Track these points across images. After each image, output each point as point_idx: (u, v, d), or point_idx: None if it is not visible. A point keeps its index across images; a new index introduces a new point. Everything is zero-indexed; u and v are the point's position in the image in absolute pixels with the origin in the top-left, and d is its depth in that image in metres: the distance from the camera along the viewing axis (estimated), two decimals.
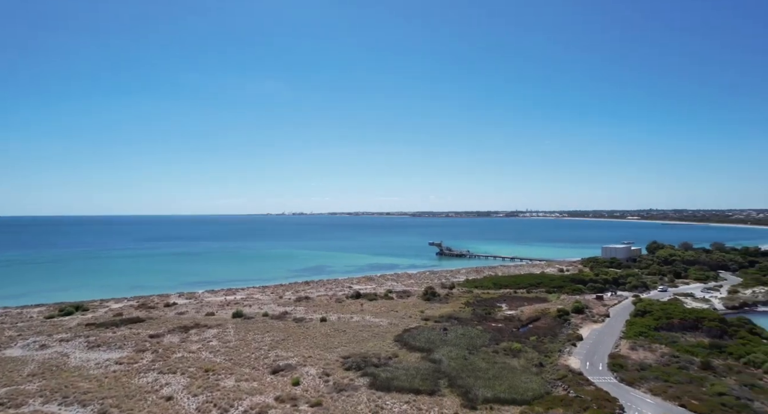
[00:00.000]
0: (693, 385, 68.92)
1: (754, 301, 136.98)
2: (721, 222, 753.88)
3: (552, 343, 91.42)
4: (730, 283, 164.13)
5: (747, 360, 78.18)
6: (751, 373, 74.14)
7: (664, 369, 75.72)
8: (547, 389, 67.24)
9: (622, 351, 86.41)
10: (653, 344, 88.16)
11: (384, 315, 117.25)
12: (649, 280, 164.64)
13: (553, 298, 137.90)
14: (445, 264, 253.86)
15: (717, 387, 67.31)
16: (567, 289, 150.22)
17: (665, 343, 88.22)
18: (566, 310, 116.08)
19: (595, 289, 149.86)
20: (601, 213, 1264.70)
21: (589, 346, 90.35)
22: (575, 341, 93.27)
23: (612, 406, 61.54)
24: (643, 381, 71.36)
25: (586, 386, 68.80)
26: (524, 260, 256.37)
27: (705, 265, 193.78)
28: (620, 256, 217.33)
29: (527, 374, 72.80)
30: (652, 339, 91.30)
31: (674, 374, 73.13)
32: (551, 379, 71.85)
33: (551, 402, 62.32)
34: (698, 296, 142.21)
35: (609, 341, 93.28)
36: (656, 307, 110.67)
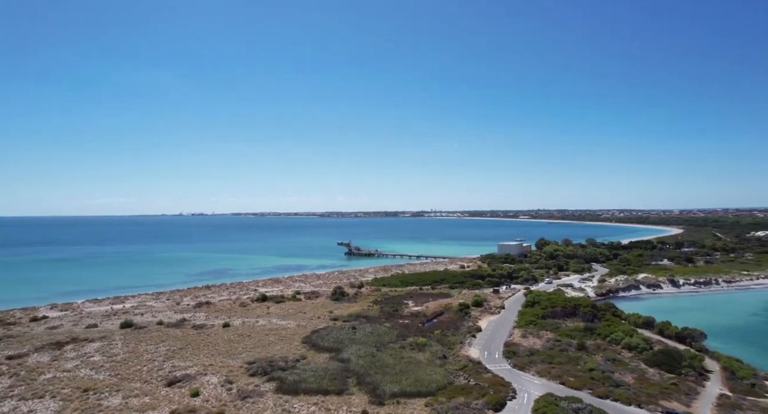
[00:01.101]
0: (570, 365, 77.86)
1: (617, 288, 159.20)
2: (593, 221, 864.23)
3: (454, 336, 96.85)
4: (600, 273, 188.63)
5: (611, 339, 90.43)
6: (613, 350, 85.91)
7: (548, 352, 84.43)
8: (450, 380, 70.99)
9: (515, 339, 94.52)
10: (541, 331, 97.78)
11: (292, 317, 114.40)
12: (537, 274, 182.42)
13: (456, 293, 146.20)
14: (354, 264, 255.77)
15: (588, 364, 76.83)
16: (468, 284, 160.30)
17: (550, 330, 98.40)
18: (467, 304, 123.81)
19: (492, 283, 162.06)
20: (497, 213, 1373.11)
21: (487, 337, 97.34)
22: (475, 333, 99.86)
23: (506, 390, 66.98)
24: (532, 365, 78.85)
25: (484, 374, 73.98)
26: (429, 258, 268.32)
27: (581, 258, 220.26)
28: (513, 253, 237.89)
29: (432, 367, 76.15)
30: (540, 326, 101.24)
31: (557, 356, 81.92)
32: (453, 369, 76.02)
33: (453, 391, 65.95)
34: (576, 286, 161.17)
35: (504, 331, 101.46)
36: (543, 298, 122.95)
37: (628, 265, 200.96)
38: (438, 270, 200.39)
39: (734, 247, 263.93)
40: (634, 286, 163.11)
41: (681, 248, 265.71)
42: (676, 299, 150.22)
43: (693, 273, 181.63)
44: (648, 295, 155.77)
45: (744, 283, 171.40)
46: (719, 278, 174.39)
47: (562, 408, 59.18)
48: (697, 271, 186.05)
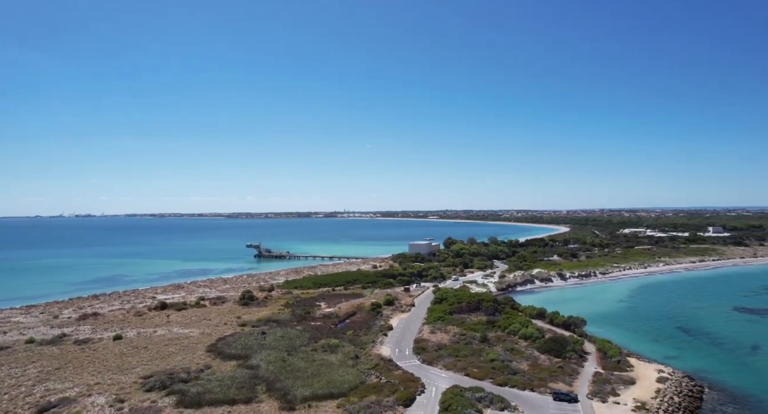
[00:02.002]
0: (474, 357, 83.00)
1: (515, 283, 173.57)
2: (495, 220, 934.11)
3: (366, 336, 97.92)
4: (501, 269, 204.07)
5: (509, 330, 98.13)
6: (512, 340, 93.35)
7: (455, 346, 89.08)
8: (362, 379, 71.56)
9: (424, 335, 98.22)
10: (448, 326, 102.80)
11: (195, 325, 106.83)
12: (445, 271, 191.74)
13: (368, 293, 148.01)
14: (264, 266, 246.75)
15: (490, 355, 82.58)
16: (380, 283, 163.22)
17: (456, 324, 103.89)
18: (379, 303, 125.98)
19: (404, 282, 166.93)
20: (408, 213, 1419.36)
21: (398, 335, 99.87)
22: (386, 331, 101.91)
23: (416, 385, 69.30)
24: (440, 359, 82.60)
25: (395, 371, 75.77)
26: (342, 259, 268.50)
27: (485, 256, 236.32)
28: (423, 252, 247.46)
29: (344, 368, 76.12)
30: (447, 322, 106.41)
31: (462, 350, 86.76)
32: (365, 369, 76.78)
33: (365, 390, 66.58)
34: (480, 282, 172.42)
35: (414, 328, 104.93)
36: (450, 294, 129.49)
37: (525, 261, 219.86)
38: (351, 270, 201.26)
39: (608, 243, 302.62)
40: (529, 280, 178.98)
41: (568, 245, 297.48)
42: (564, 291, 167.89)
43: (577, 267, 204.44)
44: (541, 288, 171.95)
45: (615, 274, 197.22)
46: (596, 271, 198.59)
47: (466, 398, 62.77)
48: (580, 265, 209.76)
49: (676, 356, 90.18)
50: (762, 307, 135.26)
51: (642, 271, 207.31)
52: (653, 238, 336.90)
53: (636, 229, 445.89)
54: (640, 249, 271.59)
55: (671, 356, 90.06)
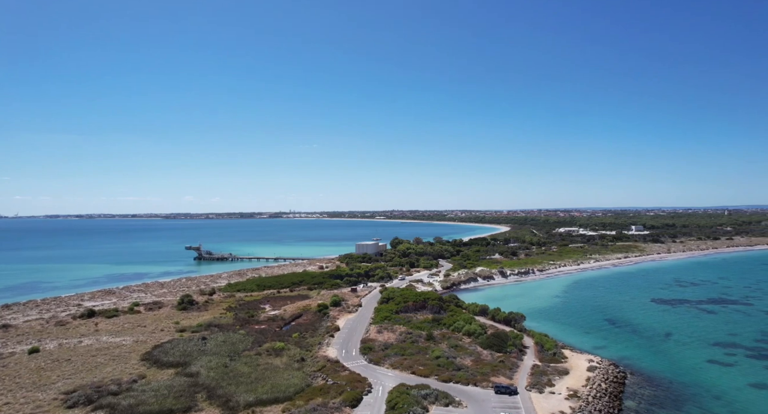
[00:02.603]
0: (420, 355, 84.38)
1: (460, 281, 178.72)
2: (441, 220, 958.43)
3: (313, 337, 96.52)
4: (446, 268, 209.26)
5: (454, 327, 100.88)
6: (456, 337, 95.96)
7: (401, 345, 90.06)
8: (308, 382, 70.38)
9: (371, 335, 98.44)
10: (395, 325, 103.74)
11: (128, 332, 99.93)
12: (392, 271, 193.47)
13: (315, 294, 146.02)
14: (205, 269, 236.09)
15: (435, 352, 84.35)
16: (327, 284, 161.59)
17: (403, 323, 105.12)
18: (326, 304, 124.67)
19: (351, 282, 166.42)
20: (355, 214, 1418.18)
21: (344, 335, 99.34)
22: (333, 332, 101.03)
23: (362, 385, 69.24)
24: (387, 358, 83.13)
25: (342, 372, 75.26)
26: (288, 260, 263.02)
27: (430, 255, 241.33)
28: (370, 252, 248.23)
29: (290, 371, 74.51)
30: (394, 321, 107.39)
31: (408, 348, 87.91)
32: (312, 371, 75.63)
33: (311, 393, 65.55)
34: (426, 281, 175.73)
35: (361, 328, 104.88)
36: (397, 294, 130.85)
37: (468, 260, 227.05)
38: (297, 272, 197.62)
39: (545, 241, 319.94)
40: (473, 278, 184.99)
41: (508, 244, 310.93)
42: (505, 288, 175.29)
43: (517, 265, 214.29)
44: (484, 286, 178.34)
45: (551, 271, 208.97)
46: (535, 268, 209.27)
47: (412, 396, 63.62)
48: (519, 263, 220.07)
49: (603, 346, 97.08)
50: (674, 298, 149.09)
51: (575, 267, 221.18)
52: (585, 236, 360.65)
53: (570, 228, 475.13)
54: (573, 247, 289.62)
55: (600, 346, 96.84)
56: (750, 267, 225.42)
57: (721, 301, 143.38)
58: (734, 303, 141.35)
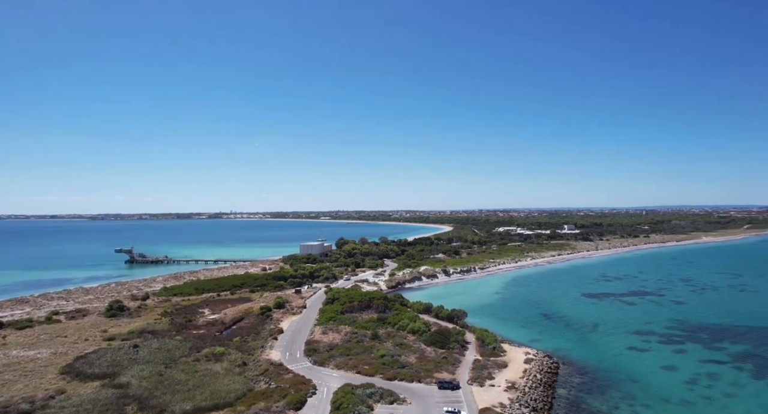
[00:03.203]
0: (366, 354, 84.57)
1: (404, 280, 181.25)
2: (386, 220, 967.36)
3: (255, 341, 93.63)
4: (391, 268, 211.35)
5: (398, 326, 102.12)
6: (401, 336, 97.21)
7: (346, 345, 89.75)
8: (250, 387, 68.16)
9: (316, 336, 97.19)
10: (340, 326, 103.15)
11: (45, 344, 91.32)
12: (338, 272, 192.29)
13: (257, 297, 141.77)
14: (138, 272, 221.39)
15: (380, 351, 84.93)
16: (270, 286, 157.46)
17: (348, 324, 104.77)
18: (269, 306, 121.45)
19: (295, 284, 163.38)
20: (300, 214, 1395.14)
21: (288, 337, 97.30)
22: (277, 335, 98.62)
23: (307, 387, 68.19)
24: (332, 359, 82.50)
25: (285, 375, 73.65)
26: (228, 262, 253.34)
27: (376, 255, 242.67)
28: (315, 252, 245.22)
29: (231, 376, 71.80)
30: (339, 322, 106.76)
31: (353, 348, 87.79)
32: (254, 375, 73.35)
33: (254, 398, 63.55)
34: (371, 281, 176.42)
35: (305, 330, 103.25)
36: (342, 294, 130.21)
37: (413, 259, 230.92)
38: (238, 274, 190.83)
39: (485, 240, 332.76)
40: (417, 277, 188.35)
41: (451, 243, 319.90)
42: (448, 286, 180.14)
43: (459, 263, 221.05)
44: (428, 285, 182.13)
45: (491, 269, 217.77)
46: (476, 266, 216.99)
47: (357, 395, 63.59)
48: (461, 262, 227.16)
49: (539, 339, 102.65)
50: (600, 291, 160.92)
51: (514, 265, 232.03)
52: (523, 235, 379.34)
53: (509, 227, 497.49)
54: (512, 245, 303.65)
55: (536, 339, 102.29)
56: (662, 262, 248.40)
57: (640, 293, 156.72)
58: (650, 294, 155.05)
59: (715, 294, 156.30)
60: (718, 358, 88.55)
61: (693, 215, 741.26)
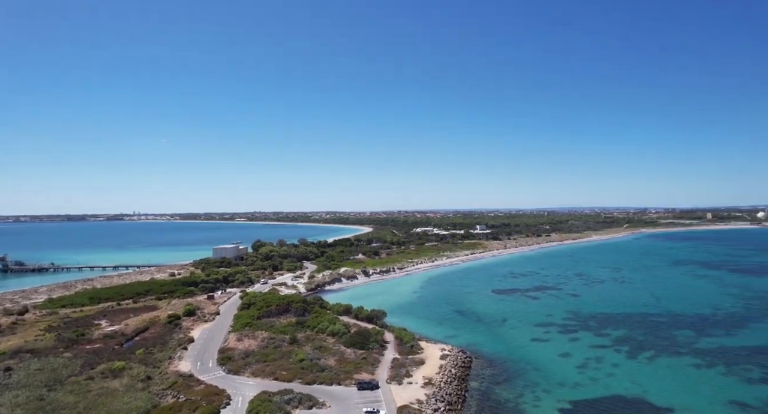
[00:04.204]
0: (284, 359, 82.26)
1: (324, 282, 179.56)
2: (305, 221, 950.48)
3: (162, 352, 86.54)
4: (310, 270, 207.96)
5: (318, 329, 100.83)
6: (320, 339, 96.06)
7: (263, 351, 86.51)
8: (155, 402, 62.77)
9: (230, 344, 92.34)
10: (256, 331, 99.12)
11: None
12: (254, 275, 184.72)
13: (164, 305, 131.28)
14: (14, 283, 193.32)
15: (299, 355, 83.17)
16: (179, 292, 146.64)
17: (265, 329, 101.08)
18: (178, 314, 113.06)
19: (207, 289, 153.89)
20: (213, 215, 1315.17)
21: (200, 346, 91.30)
22: (186, 344, 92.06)
23: (220, 398, 64.46)
24: (248, 367, 78.95)
25: (196, 387, 68.96)
26: (131, 268, 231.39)
27: (294, 257, 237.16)
28: (230, 256, 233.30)
29: (132, 393, 65.49)
30: (256, 327, 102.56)
31: (271, 354, 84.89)
32: (160, 390, 67.70)
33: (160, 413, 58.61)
34: (289, 284, 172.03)
35: (219, 337, 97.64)
36: (259, 299, 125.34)
37: (333, 261, 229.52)
38: (142, 281, 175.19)
39: (404, 241, 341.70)
40: (337, 279, 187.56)
41: (371, 244, 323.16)
42: (368, 286, 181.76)
43: (379, 264, 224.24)
44: (348, 286, 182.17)
45: (410, 269, 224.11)
46: (395, 266, 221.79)
47: (275, 402, 61.55)
48: (381, 262, 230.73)
49: (454, 335, 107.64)
50: (508, 287, 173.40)
51: (430, 264, 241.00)
52: (439, 235, 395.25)
53: (426, 228, 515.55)
54: (429, 246, 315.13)
55: (451, 335, 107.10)
56: (560, 259, 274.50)
57: (542, 288, 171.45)
58: (550, 289, 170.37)
59: (602, 286, 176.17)
60: (603, 343, 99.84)
61: (585, 216, 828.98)
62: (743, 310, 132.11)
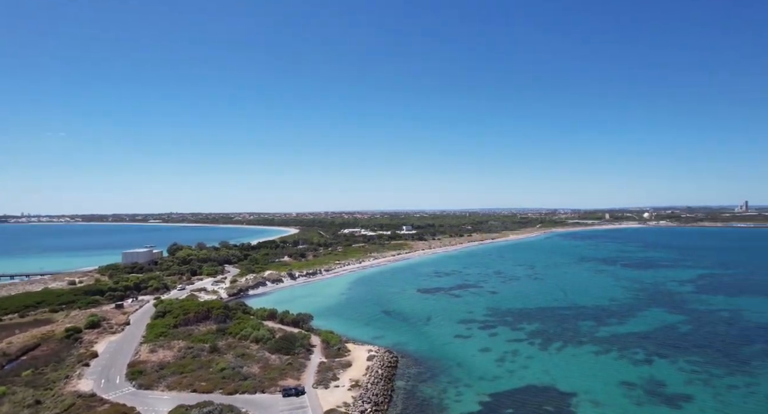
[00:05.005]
0: (203, 370, 77.62)
1: (248, 287, 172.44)
2: (227, 223, 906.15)
3: (57, 371, 77.37)
4: (232, 274, 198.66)
5: (241, 335, 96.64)
6: (243, 345, 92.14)
7: (180, 362, 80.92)
8: None
9: (142, 356, 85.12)
10: (173, 341, 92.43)
11: None
12: (170, 281, 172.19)
13: (61, 317, 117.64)
14: None
15: (221, 364, 79.03)
16: (81, 303, 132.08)
17: (183, 338, 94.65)
18: (78, 327, 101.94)
19: (115, 298, 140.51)
20: (122, 217, 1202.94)
21: (105, 361, 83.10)
22: (89, 360, 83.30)
23: None
24: (162, 380, 73.31)
25: (99, 407, 62.62)
26: (17, 277, 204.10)
27: (215, 261, 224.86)
28: (142, 261, 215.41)
29: None
30: (172, 337, 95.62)
31: (189, 364, 79.67)
32: None
33: None
34: (210, 289, 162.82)
35: (129, 350, 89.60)
36: (176, 306, 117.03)
37: (257, 264, 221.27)
38: (33, 291, 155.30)
39: (331, 242, 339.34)
40: (261, 282, 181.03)
41: (297, 246, 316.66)
42: (294, 290, 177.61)
43: (305, 266, 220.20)
44: (273, 290, 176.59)
45: (337, 270, 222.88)
46: (322, 268, 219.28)
47: None
48: (307, 264, 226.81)
49: (381, 336, 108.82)
50: (433, 287, 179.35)
51: (358, 265, 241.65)
52: (366, 236, 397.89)
53: (353, 229, 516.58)
54: (356, 246, 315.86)
55: (378, 336, 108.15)
56: (481, 258, 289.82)
57: (464, 287, 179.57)
58: (472, 287, 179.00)
59: (518, 283, 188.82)
60: (519, 337, 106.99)
61: (503, 216, 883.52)
62: (633, 300, 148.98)
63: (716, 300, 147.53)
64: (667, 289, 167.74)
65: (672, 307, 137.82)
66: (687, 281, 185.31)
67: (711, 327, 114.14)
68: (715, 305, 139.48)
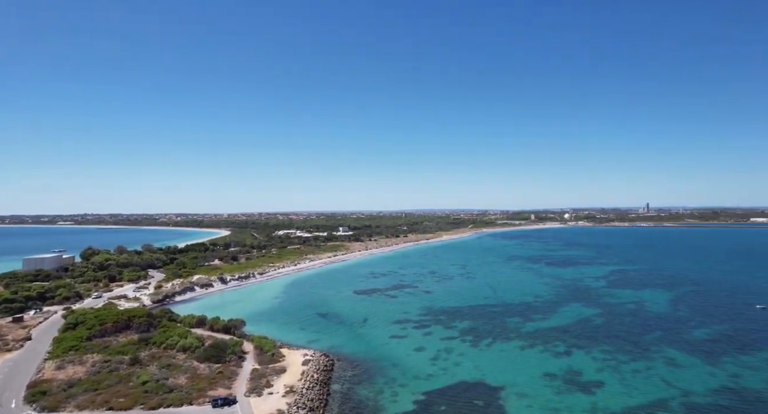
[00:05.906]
0: (122, 385, 71.73)
1: (174, 292, 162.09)
2: (151, 225, 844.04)
3: None
4: (157, 279, 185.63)
5: (166, 345, 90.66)
6: (169, 355, 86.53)
7: (95, 378, 74.13)
8: None
9: (46, 375, 76.74)
10: (85, 356, 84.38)
11: None
12: (83, 289, 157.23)
13: None
14: None
15: (143, 377, 73.53)
16: None
17: (98, 351, 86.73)
18: None
19: (13, 310, 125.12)
20: (24, 218, 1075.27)
21: None
22: None
23: None
24: (71, 400, 66.65)
25: None
26: None
27: (137, 266, 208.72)
28: (49, 267, 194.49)
29: None
30: (84, 350, 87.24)
31: (105, 380, 73.24)
32: None
33: None
34: (131, 296, 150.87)
35: (29, 369, 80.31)
36: (90, 316, 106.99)
37: (184, 268, 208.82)
38: None
39: (265, 244, 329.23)
40: (189, 288, 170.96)
41: (228, 248, 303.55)
42: (225, 295, 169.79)
43: (237, 269, 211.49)
44: (202, 295, 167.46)
45: (271, 273, 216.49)
46: (255, 272, 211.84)
47: None
48: (240, 268, 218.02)
49: (316, 339, 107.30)
50: (369, 288, 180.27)
51: (293, 268, 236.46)
52: (302, 238, 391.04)
53: (289, 230, 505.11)
54: (292, 248, 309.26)
55: (313, 339, 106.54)
56: (416, 258, 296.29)
57: (400, 287, 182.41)
58: (407, 287, 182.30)
59: (451, 282, 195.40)
60: (452, 335, 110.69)
61: (437, 217, 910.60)
62: (555, 296, 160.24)
63: (624, 293, 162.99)
64: (584, 285, 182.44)
65: (588, 301, 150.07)
66: (600, 277, 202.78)
67: (619, 318, 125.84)
68: (623, 298, 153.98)
